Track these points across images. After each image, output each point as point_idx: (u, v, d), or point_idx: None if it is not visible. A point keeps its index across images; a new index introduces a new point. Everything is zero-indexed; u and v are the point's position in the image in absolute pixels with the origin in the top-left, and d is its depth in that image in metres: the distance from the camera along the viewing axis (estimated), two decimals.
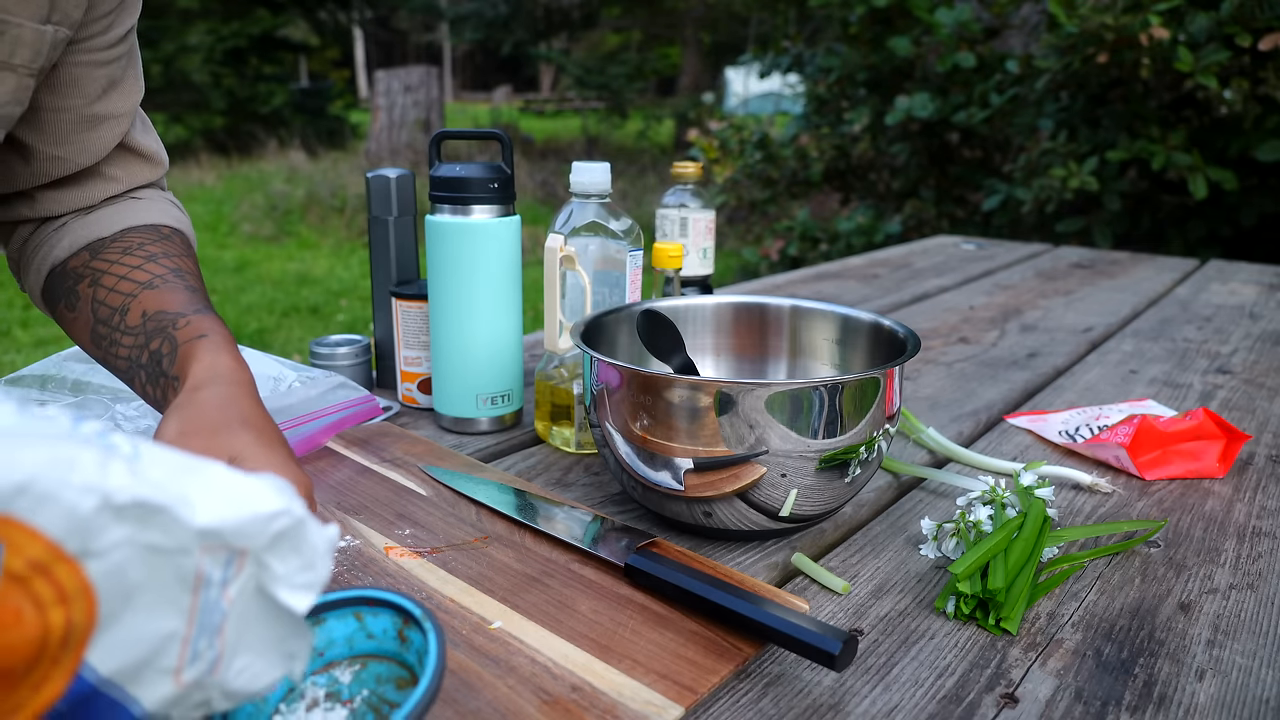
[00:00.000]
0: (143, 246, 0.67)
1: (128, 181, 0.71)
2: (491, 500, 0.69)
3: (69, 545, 0.27)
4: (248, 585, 0.32)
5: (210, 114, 10.00)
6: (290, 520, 0.32)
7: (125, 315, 0.62)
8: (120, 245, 0.67)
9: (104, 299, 0.64)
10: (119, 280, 0.64)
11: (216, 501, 0.30)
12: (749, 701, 0.49)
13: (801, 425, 0.59)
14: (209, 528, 0.30)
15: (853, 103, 4.12)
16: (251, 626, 0.33)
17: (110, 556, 0.28)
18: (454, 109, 15.13)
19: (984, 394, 1.02)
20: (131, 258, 0.66)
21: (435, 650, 0.39)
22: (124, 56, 0.67)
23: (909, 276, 1.72)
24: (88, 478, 0.27)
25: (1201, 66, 2.55)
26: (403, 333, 0.92)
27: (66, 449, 0.27)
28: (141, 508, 0.28)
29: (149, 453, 0.29)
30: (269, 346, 3.74)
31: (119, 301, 0.63)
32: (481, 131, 0.84)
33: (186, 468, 0.30)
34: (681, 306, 0.81)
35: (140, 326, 0.61)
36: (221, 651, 0.32)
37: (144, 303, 0.62)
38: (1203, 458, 0.80)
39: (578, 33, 12.54)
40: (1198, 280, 1.70)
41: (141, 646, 0.30)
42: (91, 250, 0.67)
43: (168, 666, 0.31)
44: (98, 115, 0.66)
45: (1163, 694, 0.50)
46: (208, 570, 0.30)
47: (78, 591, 0.27)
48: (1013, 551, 0.59)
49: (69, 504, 0.27)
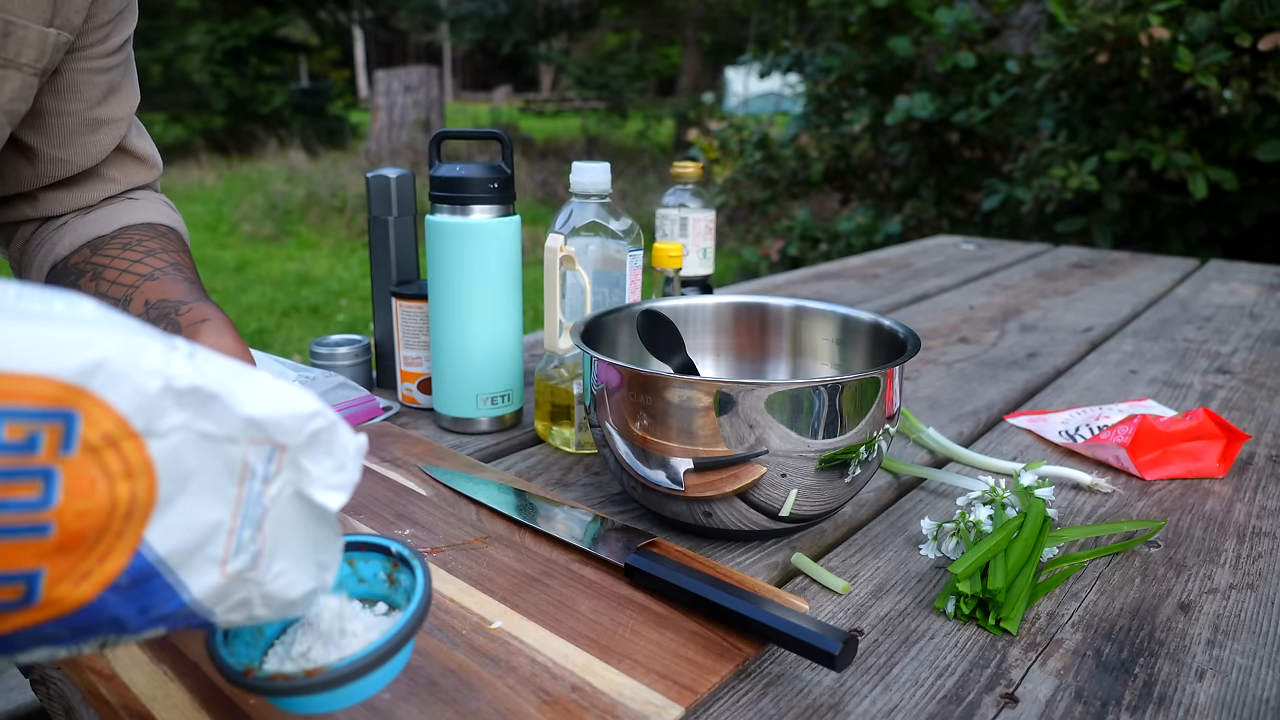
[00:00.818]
0: (141, 243, 0.69)
1: (125, 183, 0.74)
2: (491, 500, 0.69)
3: (136, 422, 0.29)
4: (286, 488, 0.34)
5: (210, 114, 10.00)
6: (325, 421, 0.34)
7: (128, 305, 0.64)
8: (120, 241, 0.69)
9: (106, 291, 0.66)
10: (120, 274, 0.66)
11: (261, 397, 0.33)
12: (749, 701, 0.49)
13: (801, 425, 0.59)
14: (255, 418, 0.32)
15: (853, 103, 4.12)
16: (289, 530, 0.35)
17: (170, 438, 0.30)
18: (454, 109, 15.13)
19: (984, 394, 1.02)
20: (131, 252, 0.68)
21: (422, 584, 0.41)
22: (122, 64, 0.71)
23: (909, 276, 1.72)
24: (154, 362, 0.30)
25: (1201, 66, 2.55)
26: (403, 333, 0.92)
27: (137, 337, 0.30)
28: (198, 394, 0.31)
29: (203, 352, 0.32)
30: (269, 346, 3.74)
31: (121, 293, 0.65)
32: (481, 131, 0.84)
33: (235, 369, 0.33)
34: (681, 306, 0.81)
35: (143, 314, 0.63)
36: (262, 548, 0.34)
37: (146, 293, 0.64)
38: (1203, 458, 0.80)
39: (578, 33, 12.54)
40: (1198, 280, 1.70)
41: (194, 531, 0.31)
42: (92, 247, 0.69)
43: (215, 555, 0.32)
44: (98, 119, 0.70)
45: (1163, 694, 0.50)
46: (252, 461, 0.33)
47: (142, 468, 0.29)
48: (1013, 551, 0.59)
49: (138, 384, 0.29)
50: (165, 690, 0.47)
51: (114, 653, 0.50)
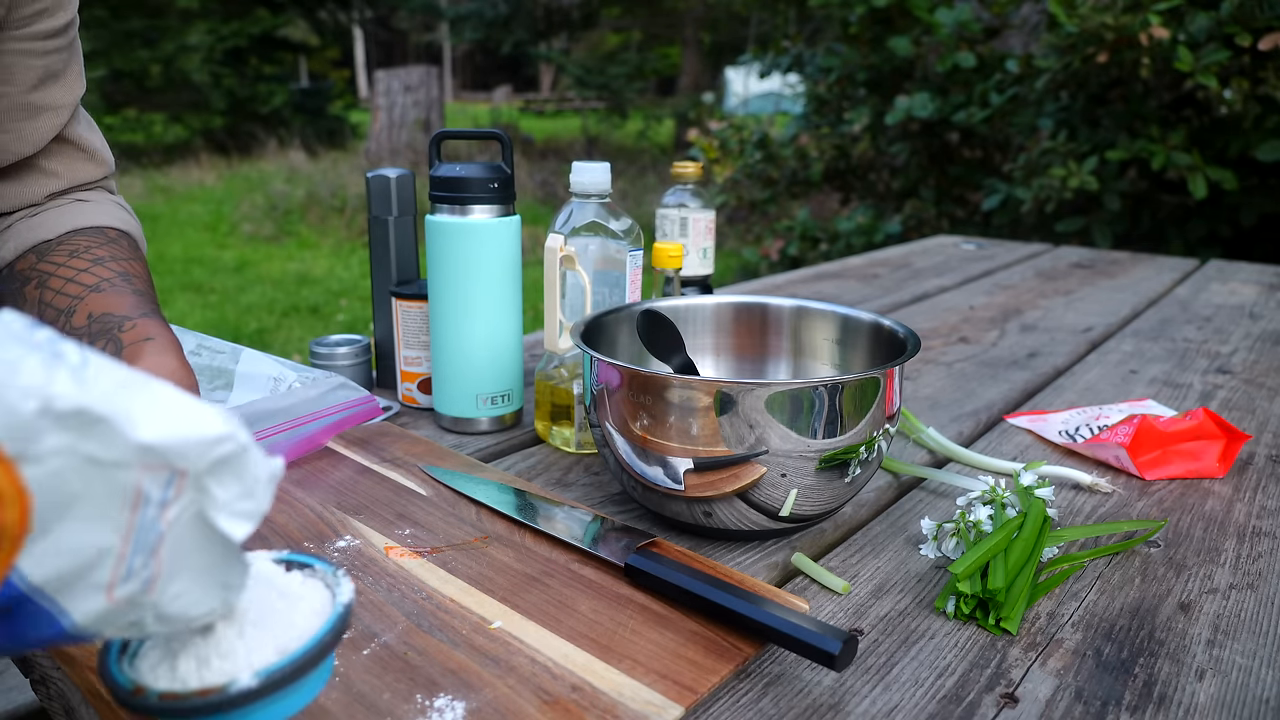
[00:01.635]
0: (89, 250, 0.67)
1: (70, 178, 0.71)
2: (491, 500, 0.69)
3: (7, 447, 0.27)
4: (187, 510, 0.32)
5: (210, 114, 10.00)
6: (234, 446, 0.32)
7: (71, 318, 0.62)
8: (67, 248, 0.67)
9: (50, 301, 0.63)
10: (65, 283, 0.64)
11: (160, 419, 0.30)
12: (749, 701, 0.49)
13: (801, 425, 0.59)
14: (150, 444, 0.30)
15: (853, 103, 4.12)
16: (189, 552, 0.33)
17: (48, 463, 0.28)
18: (454, 109, 15.13)
19: (984, 394, 1.02)
20: (79, 260, 0.65)
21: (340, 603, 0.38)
22: (64, 50, 0.68)
23: (909, 276, 1.72)
24: (32, 380, 0.27)
25: (1201, 66, 2.55)
26: (403, 333, 0.92)
27: (14, 350, 0.27)
28: (82, 416, 0.28)
29: (97, 363, 0.29)
30: (269, 346, 3.74)
31: (65, 304, 0.63)
32: (481, 131, 0.84)
33: (134, 383, 0.30)
34: (681, 306, 0.81)
35: (85, 328, 0.61)
36: (158, 573, 0.32)
37: (90, 305, 0.62)
38: (1203, 458, 0.80)
39: (578, 33, 12.54)
40: (1198, 280, 1.70)
41: (75, 558, 0.30)
42: (38, 253, 0.67)
43: (100, 581, 0.30)
44: (35, 104, 0.67)
45: (1163, 694, 0.50)
46: (146, 488, 0.30)
47: (13, 495, 0.27)
48: (1013, 551, 0.59)
49: (9, 405, 0.26)
50: None
51: None
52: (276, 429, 0.74)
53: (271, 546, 0.62)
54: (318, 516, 0.67)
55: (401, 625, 0.53)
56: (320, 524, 0.65)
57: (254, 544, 0.62)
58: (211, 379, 0.86)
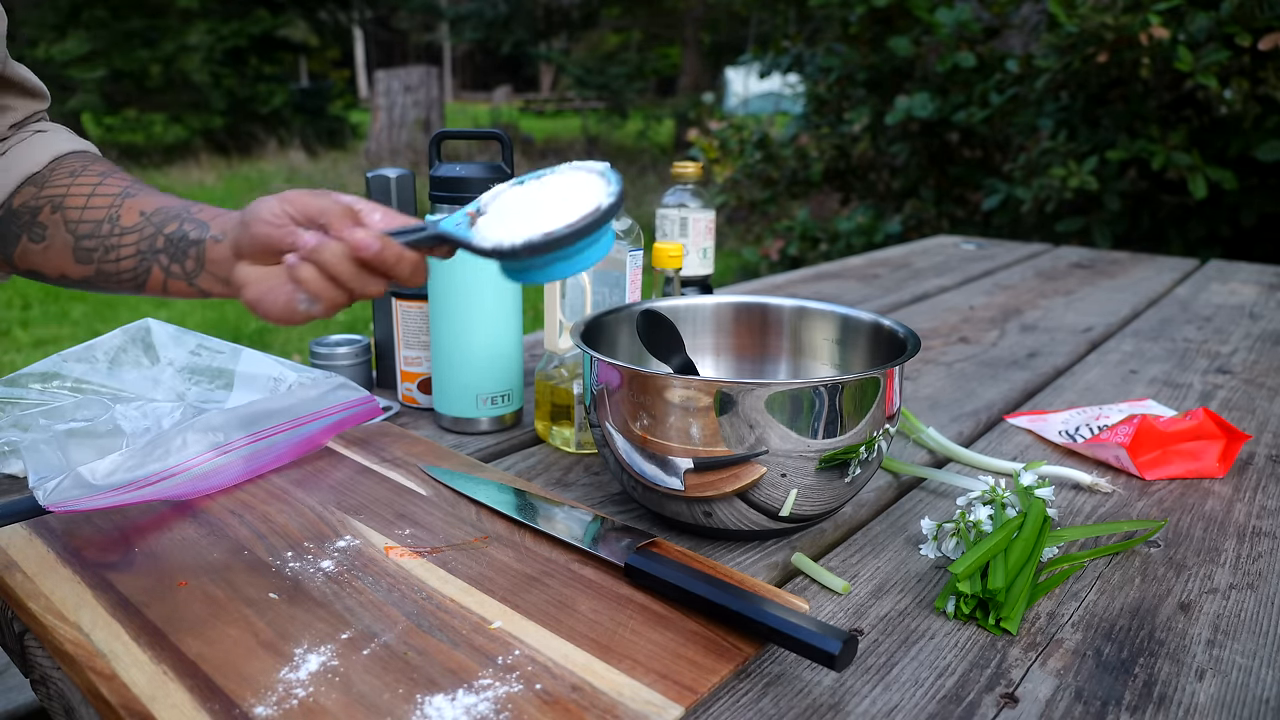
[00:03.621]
0: (87, 169, 0.67)
1: (23, 110, 0.71)
2: (491, 500, 0.69)
3: None
4: None
5: (210, 114, 9.99)
6: None
7: (117, 221, 0.62)
8: (65, 170, 0.67)
9: (81, 217, 0.64)
10: (88, 198, 0.64)
11: None
12: (749, 701, 0.49)
13: (801, 425, 0.59)
14: None
15: (853, 103, 4.12)
16: None
17: None
18: (454, 109, 15.12)
19: (984, 394, 1.02)
20: (86, 177, 0.66)
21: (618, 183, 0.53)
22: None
23: (909, 276, 1.72)
24: None
25: (1201, 66, 2.54)
26: (403, 333, 0.92)
27: None
28: None
29: None
30: (269, 346, 3.74)
31: (101, 214, 0.63)
32: (481, 131, 0.84)
33: None
34: (681, 306, 0.81)
35: (143, 222, 0.62)
36: None
37: (136, 205, 0.63)
38: (1203, 458, 0.80)
39: (578, 33, 12.53)
40: (1198, 280, 1.70)
41: None
42: (35, 184, 0.67)
43: None
44: None
45: (1163, 694, 0.50)
46: None
47: None
48: (1013, 551, 0.59)
49: None
50: (165, 690, 0.47)
51: (114, 652, 0.50)
52: (276, 429, 0.74)
53: (271, 546, 0.62)
54: (318, 516, 0.67)
55: (401, 625, 0.53)
56: (320, 524, 0.65)
57: (254, 544, 0.62)
58: (212, 379, 0.86)
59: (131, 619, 0.53)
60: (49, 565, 0.59)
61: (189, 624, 0.53)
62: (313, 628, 0.52)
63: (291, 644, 0.51)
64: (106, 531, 0.64)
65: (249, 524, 0.65)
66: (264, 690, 0.47)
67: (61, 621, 0.53)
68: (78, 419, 0.78)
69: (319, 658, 0.50)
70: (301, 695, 0.47)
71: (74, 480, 0.63)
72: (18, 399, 0.80)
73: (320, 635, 0.52)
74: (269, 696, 0.46)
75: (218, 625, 0.52)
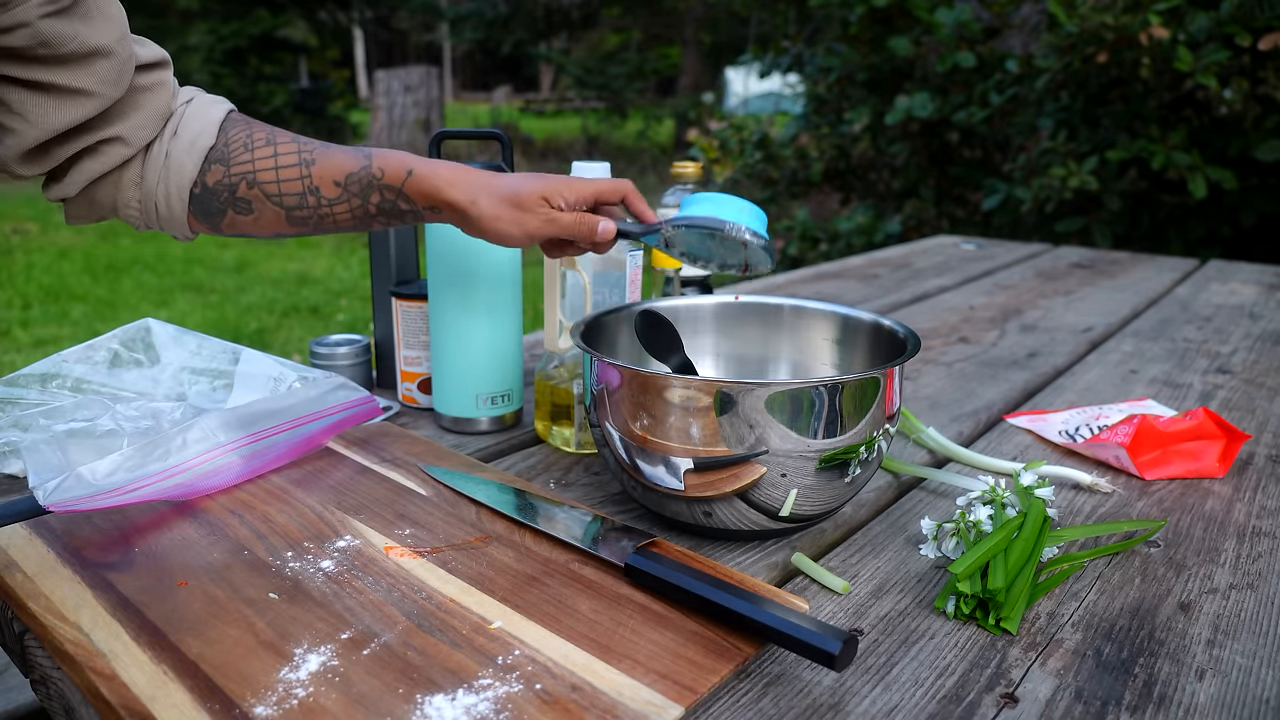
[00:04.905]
0: (251, 136, 0.70)
1: (171, 85, 0.71)
2: (491, 500, 0.69)
3: None
4: None
5: None
6: None
7: (318, 194, 0.68)
8: (237, 144, 0.70)
9: (280, 190, 0.69)
10: (275, 171, 0.69)
11: None
12: (749, 701, 0.49)
13: (801, 425, 0.59)
14: None
15: (853, 103, 4.12)
16: None
17: None
18: (454, 109, 15.12)
19: (984, 394, 1.02)
20: (260, 149, 0.70)
21: None
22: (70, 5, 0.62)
23: (909, 276, 1.72)
24: None
25: (1201, 66, 2.54)
26: (403, 333, 0.92)
27: None
28: None
29: None
30: (269, 346, 3.74)
31: (298, 187, 0.69)
32: (481, 131, 0.84)
33: None
34: (681, 306, 0.81)
35: (343, 193, 0.68)
36: None
37: (326, 175, 0.68)
38: (1203, 458, 0.80)
39: (578, 33, 12.54)
40: (1198, 280, 1.70)
41: None
42: (221, 161, 0.69)
43: None
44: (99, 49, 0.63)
45: (1163, 694, 0.50)
46: None
47: None
48: (1013, 551, 0.59)
49: None
50: (165, 690, 0.47)
51: (114, 652, 0.50)
52: (276, 429, 0.74)
53: (271, 546, 0.62)
54: (318, 516, 0.67)
55: (401, 625, 0.53)
56: (320, 524, 0.65)
57: (254, 544, 0.62)
58: (212, 379, 0.86)
59: (131, 619, 0.53)
60: (49, 565, 0.59)
61: (189, 624, 0.53)
62: (313, 628, 0.52)
63: (291, 644, 0.51)
64: (106, 531, 0.64)
65: (249, 524, 0.65)
66: (264, 690, 0.47)
67: (61, 621, 0.53)
68: (78, 419, 0.78)
69: (319, 658, 0.50)
70: (301, 695, 0.47)
71: (74, 480, 0.63)
72: (17, 399, 0.80)
73: (320, 635, 0.52)
74: (269, 696, 0.46)
75: (218, 625, 0.52)
